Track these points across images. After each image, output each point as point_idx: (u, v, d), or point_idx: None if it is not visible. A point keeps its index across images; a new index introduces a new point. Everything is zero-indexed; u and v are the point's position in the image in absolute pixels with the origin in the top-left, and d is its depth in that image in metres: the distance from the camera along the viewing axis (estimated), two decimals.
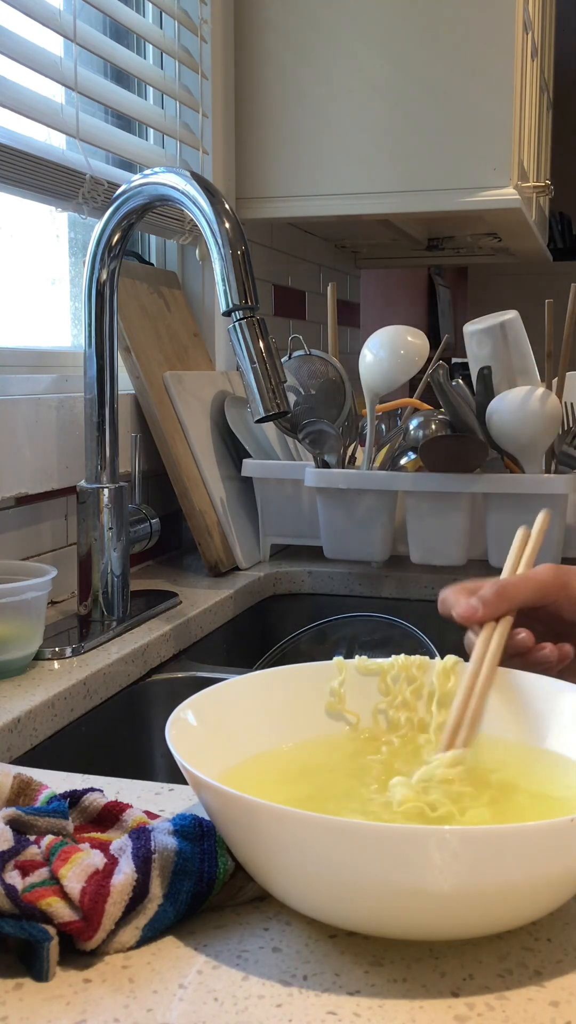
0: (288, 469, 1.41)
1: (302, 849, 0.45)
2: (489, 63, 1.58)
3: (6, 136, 1.09)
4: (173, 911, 0.48)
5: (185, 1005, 0.43)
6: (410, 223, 2.00)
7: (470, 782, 0.57)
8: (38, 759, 0.82)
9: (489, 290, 3.73)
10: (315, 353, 1.38)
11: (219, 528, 1.36)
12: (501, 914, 0.46)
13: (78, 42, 1.20)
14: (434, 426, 1.33)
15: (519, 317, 1.36)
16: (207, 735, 0.57)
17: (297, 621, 1.31)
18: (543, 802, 0.56)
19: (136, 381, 1.33)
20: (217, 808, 0.48)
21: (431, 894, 0.44)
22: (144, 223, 1.35)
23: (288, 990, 0.44)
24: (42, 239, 1.36)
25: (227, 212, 0.95)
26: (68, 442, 1.15)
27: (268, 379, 0.97)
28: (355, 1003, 0.43)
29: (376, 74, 1.62)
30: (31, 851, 0.50)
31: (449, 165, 1.61)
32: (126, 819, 0.55)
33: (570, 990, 0.44)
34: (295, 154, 1.66)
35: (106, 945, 0.47)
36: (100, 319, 1.06)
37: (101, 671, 0.93)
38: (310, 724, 0.64)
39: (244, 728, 0.61)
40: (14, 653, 0.88)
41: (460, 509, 1.33)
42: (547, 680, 0.63)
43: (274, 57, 1.65)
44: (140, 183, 1.02)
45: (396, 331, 1.33)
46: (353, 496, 1.35)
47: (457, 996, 0.44)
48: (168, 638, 1.08)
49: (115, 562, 1.07)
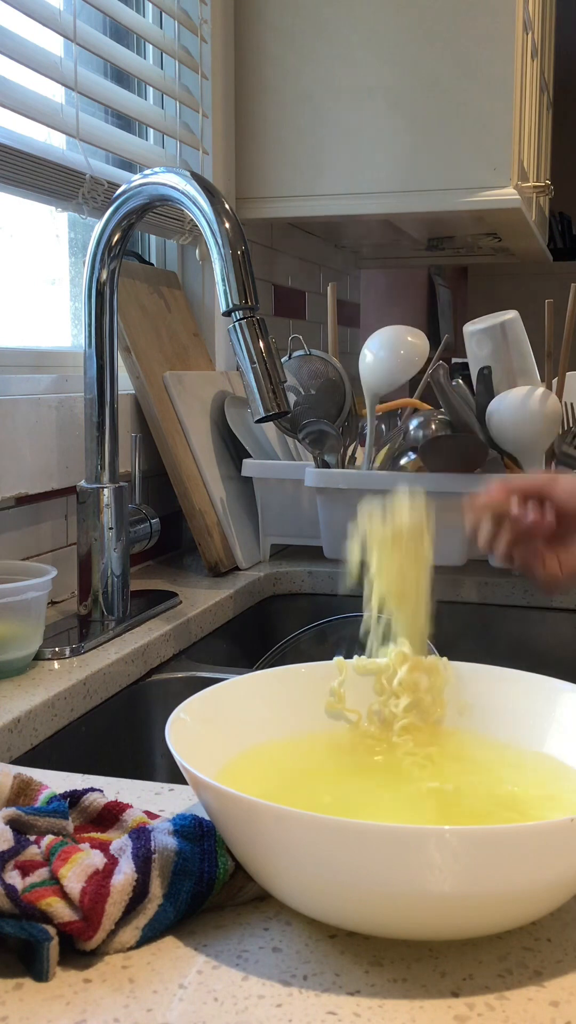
0: (288, 469, 1.41)
1: (302, 849, 0.45)
2: (489, 63, 1.58)
3: (6, 136, 1.09)
4: (173, 911, 0.48)
5: (185, 1005, 0.43)
6: (410, 223, 2.00)
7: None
8: (38, 759, 0.82)
9: (489, 290, 3.73)
10: (315, 353, 1.38)
11: (219, 528, 1.36)
12: (501, 914, 0.46)
13: (78, 42, 1.20)
14: (434, 426, 1.33)
15: (519, 317, 1.36)
16: (207, 735, 0.57)
17: (297, 621, 1.31)
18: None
19: (136, 381, 1.33)
20: (217, 808, 0.48)
21: (431, 894, 0.44)
22: (144, 223, 1.35)
23: (288, 990, 0.44)
24: (42, 239, 1.36)
25: (227, 212, 0.95)
26: (68, 442, 1.15)
27: (268, 379, 0.97)
28: (355, 1003, 0.43)
29: (376, 74, 1.62)
30: (31, 851, 0.50)
31: (449, 165, 1.61)
32: (126, 819, 0.55)
33: (570, 990, 0.44)
34: (295, 154, 1.66)
35: (106, 945, 0.47)
36: (100, 319, 1.06)
37: (101, 671, 0.93)
38: (310, 723, 0.64)
39: (244, 728, 0.61)
40: (14, 653, 0.88)
41: (460, 509, 1.33)
42: (547, 680, 0.63)
43: (274, 57, 1.65)
44: (140, 183, 1.02)
45: (396, 331, 1.33)
46: (353, 496, 1.35)
47: (457, 996, 0.44)
48: (168, 638, 1.08)
49: (115, 562, 1.07)
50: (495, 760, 0.61)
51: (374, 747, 0.63)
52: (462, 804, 0.56)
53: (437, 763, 0.61)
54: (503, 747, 0.62)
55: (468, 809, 0.55)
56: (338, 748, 0.63)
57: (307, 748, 0.62)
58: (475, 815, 0.55)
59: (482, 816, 0.54)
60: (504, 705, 0.63)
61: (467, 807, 0.56)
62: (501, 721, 0.63)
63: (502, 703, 0.63)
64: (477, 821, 0.53)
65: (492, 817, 0.54)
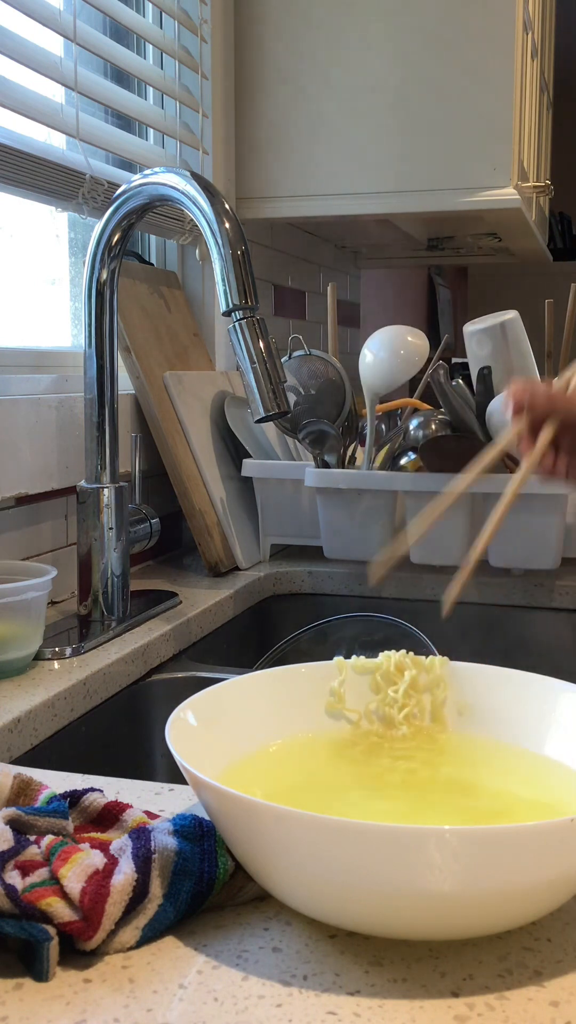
0: (288, 469, 1.41)
1: (302, 849, 0.45)
2: (489, 63, 1.58)
3: (6, 136, 1.09)
4: (173, 911, 0.48)
5: (185, 1005, 0.43)
6: (410, 223, 2.00)
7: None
8: (38, 759, 0.82)
9: (489, 290, 3.73)
10: (315, 353, 1.38)
11: (219, 528, 1.36)
12: (501, 914, 0.46)
13: (78, 42, 1.20)
14: (434, 426, 1.33)
15: (519, 317, 1.36)
16: (207, 735, 0.57)
17: (297, 621, 1.31)
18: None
19: (136, 381, 1.33)
20: (217, 808, 0.48)
21: (431, 894, 0.44)
22: (144, 223, 1.35)
23: (288, 990, 0.44)
24: (42, 239, 1.36)
25: (227, 212, 0.95)
26: (68, 442, 1.15)
27: (268, 379, 0.97)
28: (355, 1003, 0.43)
29: (376, 74, 1.62)
30: (31, 851, 0.50)
31: (449, 165, 1.61)
32: (126, 819, 0.55)
33: (570, 990, 0.44)
34: (295, 154, 1.66)
35: (106, 945, 0.47)
36: (100, 319, 1.06)
37: (101, 671, 0.93)
38: (310, 723, 0.64)
39: (244, 728, 0.61)
40: (14, 653, 0.88)
41: (460, 509, 1.33)
42: (547, 680, 0.63)
43: (274, 57, 1.65)
44: (140, 183, 1.02)
45: (396, 331, 1.33)
46: (353, 496, 1.35)
47: (457, 996, 0.44)
48: (168, 638, 1.08)
49: (115, 562, 1.07)
50: (495, 760, 0.61)
51: (374, 747, 0.63)
52: (462, 804, 0.56)
53: (437, 763, 0.61)
54: (503, 747, 0.62)
55: (468, 809, 0.55)
56: (338, 748, 0.63)
57: (307, 748, 0.62)
58: (475, 815, 0.55)
59: (482, 816, 0.54)
60: (504, 705, 0.63)
61: (467, 807, 0.56)
62: (501, 721, 0.63)
63: (502, 703, 0.63)
64: (477, 821, 0.53)
65: (492, 817, 0.54)
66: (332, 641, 1.18)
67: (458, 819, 0.54)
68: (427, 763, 0.61)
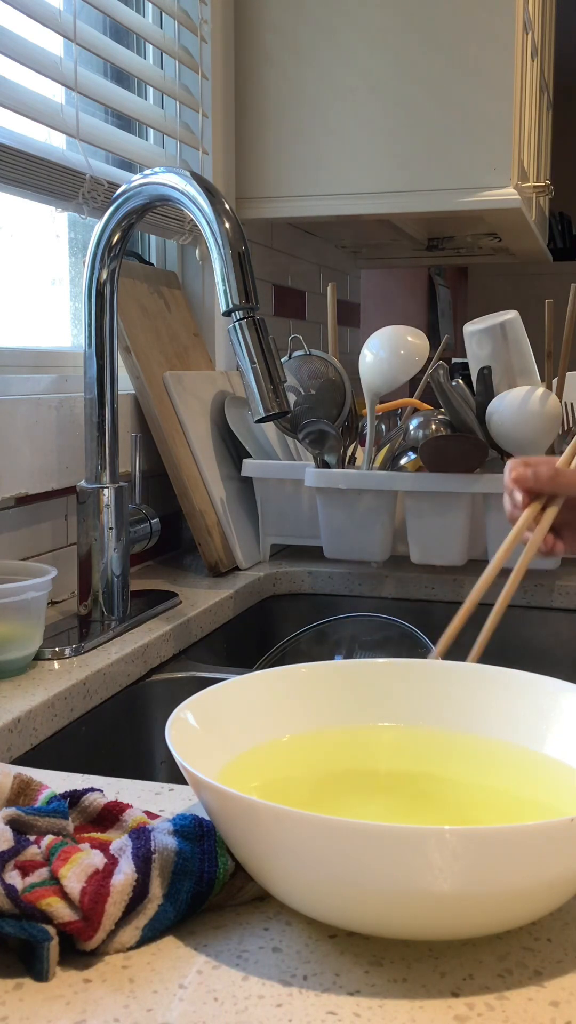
0: (288, 469, 1.41)
1: (302, 849, 0.45)
2: (489, 63, 1.58)
3: (6, 136, 1.09)
4: (173, 911, 0.48)
5: (185, 1005, 0.43)
6: (410, 223, 2.00)
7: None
8: (38, 759, 0.82)
9: (489, 290, 3.73)
10: (315, 353, 1.38)
11: (219, 528, 1.36)
12: (501, 914, 0.46)
13: (78, 42, 1.20)
14: (434, 426, 1.33)
15: (519, 317, 1.36)
16: (207, 735, 0.57)
17: (297, 621, 1.31)
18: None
19: (136, 381, 1.33)
20: (217, 808, 0.48)
21: (431, 894, 0.44)
22: (144, 223, 1.35)
23: (288, 990, 0.44)
24: (42, 239, 1.36)
25: (227, 212, 0.95)
26: (68, 442, 1.15)
27: (268, 379, 0.97)
28: (355, 1003, 0.43)
29: (376, 74, 1.62)
30: (31, 851, 0.50)
31: (449, 165, 1.61)
32: (126, 819, 0.55)
33: (570, 990, 0.44)
34: (295, 154, 1.66)
35: (106, 945, 0.47)
36: (100, 319, 1.06)
37: (101, 671, 0.93)
38: (310, 723, 0.64)
39: (244, 728, 0.61)
40: (14, 653, 0.88)
41: (460, 509, 1.33)
42: (547, 680, 0.63)
43: (274, 57, 1.65)
44: (140, 183, 1.02)
45: (396, 331, 1.33)
46: (353, 496, 1.35)
47: (457, 996, 0.44)
48: (168, 638, 1.08)
49: (115, 562, 1.07)
50: (495, 760, 0.61)
51: (374, 747, 0.63)
52: (462, 804, 0.56)
53: (437, 763, 0.61)
54: (503, 746, 0.62)
55: (468, 809, 0.55)
56: (338, 748, 0.63)
57: (307, 748, 0.62)
58: (475, 815, 0.55)
59: (482, 816, 0.54)
60: (504, 705, 0.63)
61: (467, 807, 0.56)
62: (501, 721, 0.63)
63: (502, 703, 0.63)
64: (477, 821, 0.53)
65: (492, 817, 0.54)
66: (332, 641, 1.18)
67: (458, 819, 0.54)
68: (427, 763, 0.61)
